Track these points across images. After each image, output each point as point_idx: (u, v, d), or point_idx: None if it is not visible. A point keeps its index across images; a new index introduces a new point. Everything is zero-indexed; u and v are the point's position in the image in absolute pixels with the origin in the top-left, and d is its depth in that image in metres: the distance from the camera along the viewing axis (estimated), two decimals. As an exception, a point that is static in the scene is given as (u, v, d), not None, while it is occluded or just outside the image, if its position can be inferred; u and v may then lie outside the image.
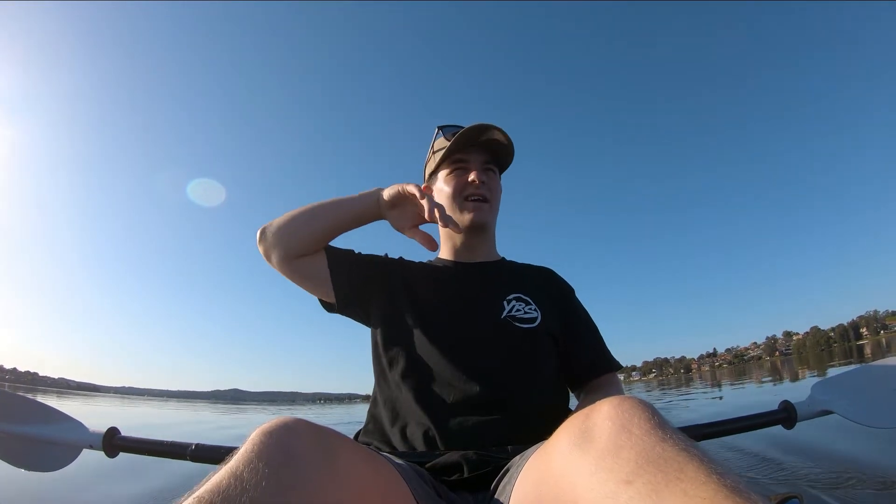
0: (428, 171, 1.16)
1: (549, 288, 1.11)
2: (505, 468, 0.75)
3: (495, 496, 0.71)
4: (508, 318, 0.99)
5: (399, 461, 0.75)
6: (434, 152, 1.13)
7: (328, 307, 1.07)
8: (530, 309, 1.02)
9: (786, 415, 1.29)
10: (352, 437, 0.96)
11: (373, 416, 1.00)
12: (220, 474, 0.44)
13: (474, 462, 0.79)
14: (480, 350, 0.94)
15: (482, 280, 1.07)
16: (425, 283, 1.07)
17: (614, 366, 1.07)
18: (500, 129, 1.02)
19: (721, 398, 7.31)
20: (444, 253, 1.16)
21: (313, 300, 1.07)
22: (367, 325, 1.07)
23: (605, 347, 1.10)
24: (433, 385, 0.91)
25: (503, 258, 1.18)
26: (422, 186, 0.95)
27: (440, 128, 1.12)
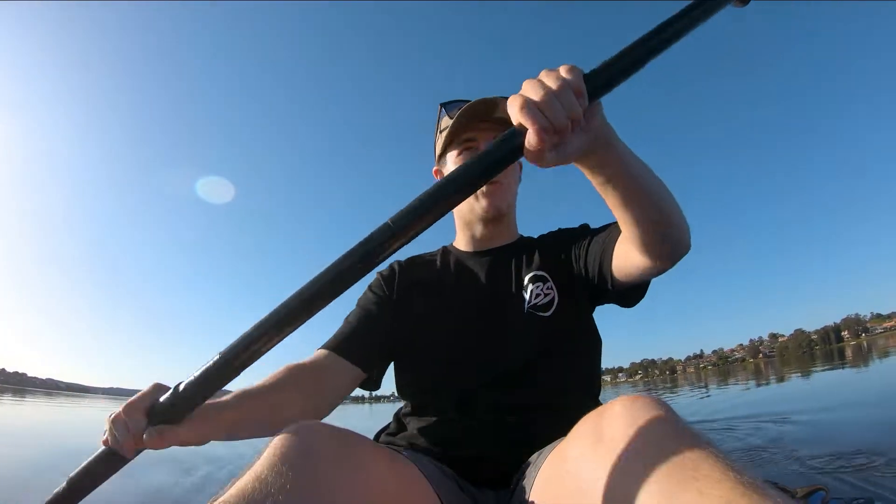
0: (437, 153, 1.05)
1: (559, 248, 0.97)
2: (525, 465, 0.75)
3: (515, 493, 0.73)
4: (531, 311, 0.92)
5: (422, 459, 0.75)
6: (440, 132, 1.03)
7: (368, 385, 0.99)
8: (548, 288, 0.93)
9: None
10: (372, 437, 0.95)
11: (396, 416, 0.98)
12: (244, 479, 0.46)
13: (496, 459, 0.80)
14: (504, 350, 0.90)
15: (501, 267, 0.99)
16: (443, 281, 1.02)
17: None
18: (507, 99, 0.93)
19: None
20: (461, 243, 1.07)
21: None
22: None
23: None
24: (457, 385, 0.89)
25: (521, 236, 1.08)
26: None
27: (443, 105, 1.02)
